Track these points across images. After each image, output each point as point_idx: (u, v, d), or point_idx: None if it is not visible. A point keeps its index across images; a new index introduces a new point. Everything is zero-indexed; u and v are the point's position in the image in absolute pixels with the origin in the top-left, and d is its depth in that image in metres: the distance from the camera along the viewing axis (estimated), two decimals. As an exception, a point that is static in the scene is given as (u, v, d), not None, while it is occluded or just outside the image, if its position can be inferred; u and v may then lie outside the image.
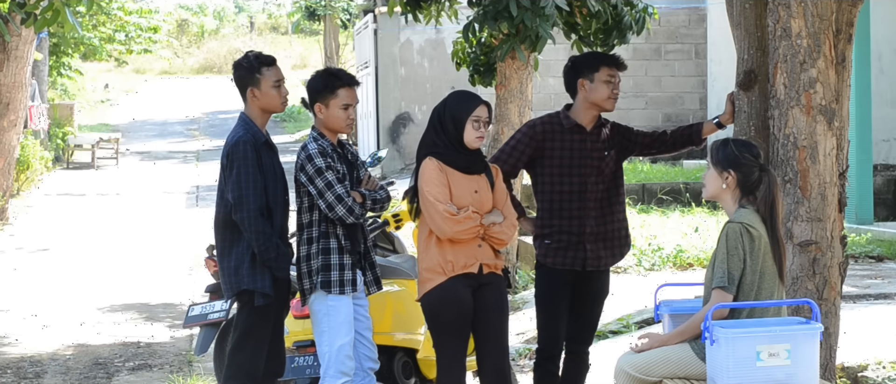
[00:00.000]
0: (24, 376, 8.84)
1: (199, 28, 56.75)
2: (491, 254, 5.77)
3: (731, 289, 5.10)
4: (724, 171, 5.23)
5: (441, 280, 5.67)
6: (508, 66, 10.46)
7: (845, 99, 5.94)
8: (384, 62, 22.41)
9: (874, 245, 12.18)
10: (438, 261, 5.67)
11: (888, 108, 15.77)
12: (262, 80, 6.02)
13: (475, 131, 5.70)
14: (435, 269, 5.69)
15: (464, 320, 5.70)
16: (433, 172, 5.67)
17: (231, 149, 5.94)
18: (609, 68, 6.04)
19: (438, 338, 5.78)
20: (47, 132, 25.89)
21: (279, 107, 6.10)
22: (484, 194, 5.74)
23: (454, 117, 5.71)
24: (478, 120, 5.70)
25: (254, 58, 6.09)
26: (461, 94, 5.85)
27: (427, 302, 5.75)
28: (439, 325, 5.75)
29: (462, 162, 5.72)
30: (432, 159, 5.71)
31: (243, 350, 6.02)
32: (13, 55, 15.35)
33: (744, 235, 5.10)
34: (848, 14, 5.91)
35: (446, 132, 5.72)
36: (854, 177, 12.65)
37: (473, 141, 5.72)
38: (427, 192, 5.65)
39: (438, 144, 5.73)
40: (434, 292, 5.70)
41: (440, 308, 5.70)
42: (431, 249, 5.70)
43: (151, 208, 19.98)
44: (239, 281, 5.95)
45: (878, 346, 7.73)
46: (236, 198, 5.87)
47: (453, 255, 5.67)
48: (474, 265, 5.69)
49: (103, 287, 12.71)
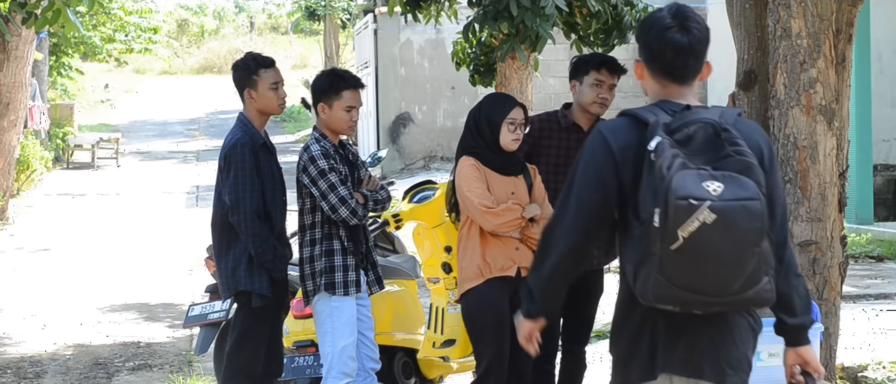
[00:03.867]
0: (24, 376, 8.84)
1: (199, 28, 56.78)
2: (529, 258, 5.65)
3: None
4: None
5: (477, 283, 5.63)
6: (508, 66, 10.46)
7: (845, 99, 5.94)
8: (384, 62, 22.41)
9: (874, 245, 12.19)
10: (477, 262, 5.63)
11: (888, 108, 15.77)
12: (259, 81, 6.01)
13: (511, 133, 5.68)
14: (472, 270, 5.64)
15: (502, 328, 5.58)
16: (470, 169, 5.65)
17: (228, 151, 5.94)
18: (597, 72, 6.01)
19: (476, 346, 5.73)
20: (47, 132, 25.90)
21: (277, 109, 6.09)
22: (521, 195, 5.71)
23: (490, 120, 5.69)
24: (513, 122, 5.68)
25: (251, 59, 6.08)
26: (496, 97, 5.87)
27: (465, 305, 5.71)
28: (476, 332, 5.70)
29: (499, 163, 5.70)
30: (469, 158, 5.70)
31: (241, 350, 6.03)
32: (13, 55, 15.36)
33: None
34: (848, 14, 5.91)
35: (482, 135, 5.70)
36: (854, 177, 12.66)
37: (510, 143, 5.70)
38: (465, 189, 5.61)
39: (475, 147, 5.71)
40: (470, 295, 5.66)
41: (477, 314, 5.65)
42: (469, 250, 5.66)
43: (151, 208, 19.98)
44: (236, 282, 5.96)
45: (878, 346, 7.74)
46: (233, 200, 5.88)
47: (491, 257, 5.62)
48: (512, 268, 5.63)
49: (103, 287, 12.71)
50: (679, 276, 3.28)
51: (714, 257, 3.26)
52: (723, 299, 3.32)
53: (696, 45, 3.52)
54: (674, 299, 3.32)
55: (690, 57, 3.53)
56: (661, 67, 3.55)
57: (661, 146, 3.34)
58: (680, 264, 3.26)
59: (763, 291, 3.36)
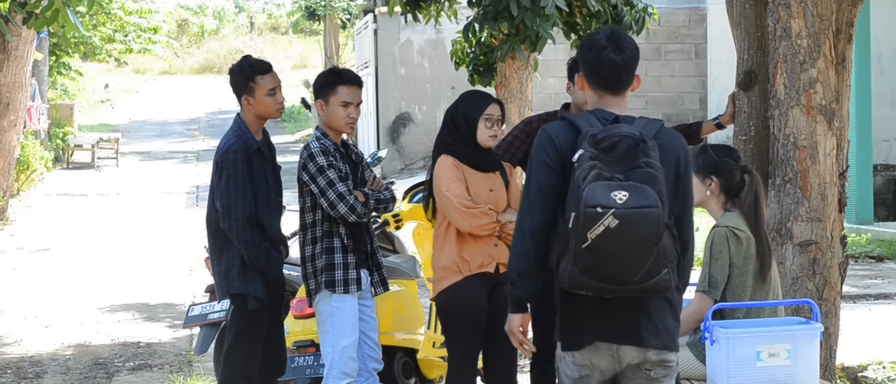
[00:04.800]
0: (24, 376, 8.84)
1: (199, 28, 56.78)
2: (508, 254, 5.75)
3: (713, 294, 5.08)
4: (706, 178, 5.20)
5: (456, 279, 5.66)
6: (508, 66, 10.47)
7: (845, 99, 5.94)
8: (384, 62, 22.41)
9: (874, 245, 12.20)
10: (454, 259, 5.66)
11: (888, 108, 15.77)
12: (256, 88, 5.99)
13: (488, 129, 5.71)
14: (450, 268, 5.67)
15: (477, 321, 5.67)
16: (449, 168, 5.68)
17: (221, 157, 5.93)
18: None
19: (451, 338, 5.76)
20: (47, 132, 25.90)
21: (275, 114, 6.07)
22: (499, 192, 5.75)
23: (466, 116, 5.72)
24: (490, 118, 5.70)
25: (247, 66, 6.04)
26: (472, 94, 5.87)
27: (441, 301, 5.73)
28: (452, 325, 5.73)
29: (476, 159, 5.73)
30: (447, 156, 5.72)
31: (238, 351, 6.03)
32: (13, 55, 15.36)
33: (730, 239, 5.09)
34: (848, 14, 5.91)
35: (459, 132, 5.73)
36: (854, 177, 12.66)
37: (487, 139, 5.72)
38: (444, 188, 5.64)
39: (452, 144, 5.74)
40: (449, 291, 5.68)
41: (454, 308, 5.68)
42: (447, 247, 5.69)
43: (151, 208, 19.98)
44: (230, 285, 5.96)
45: (878, 346, 7.74)
46: (224, 206, 5.88)
47: (469, 254, 5.65)
48: (491, 264, 5.67)
49: (103, 287, 12.71)
50: (590, 269, 3.94)
51: (617, 255, 3.91)
52: (626, 288, 3.99)
53: (628, 62, 4.18)
54: (586, 286, 3.98)
55: (624, 72, 4.18)
56: (599, 81, 4.19)
57: (581, 158, 3.99)
58: (590, 259, 3.92)
59: (661, 281, 4.01)
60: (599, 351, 4.15)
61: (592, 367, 4.19)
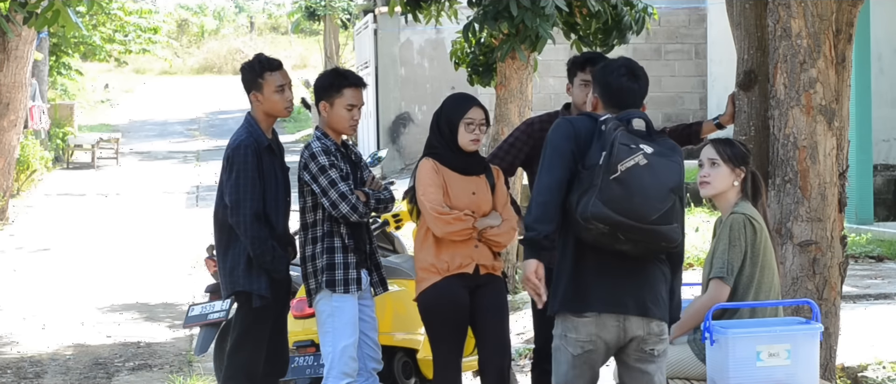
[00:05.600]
0: (24, 376, 8.85)
1: (199, 28, 56.75)
2: (489, 256, 5.77)
3: (729, 280, 5.10)
4: (737, 168, 5.23)
5: (435, 279, 5.69)
6: (508, 66, 10.46)
7: (845, 99, 5.94)
8: (384, 62, 22.41)
9: (874, 245, 12.19)
10: (433, 261, 5.70)
11: (888, 108, 15.77)
12: (264, 84, 6.01)
13: (469, 133, 5.72)
14: (429, 269, 5.71)
15: (459, 320, 5.71)
16: (428, 173, 5.71)
17: (232, 152, 5.95)
18: (583, 72, 6.00)
19: (434, 338, 5.79)
20: (47, 132, 25.90)
21: (282, 111, 6.09)
22: (482, 196, 5.75)
23: (448, 120, 5.76)
24: (471, 122, 5.71)
25: (257, 62, 6.08)
26: (456, 97, 5.89)
27: (422, 301, 5.76)
28: (434, 325, 5.76)
29: (458, 163, 5.74)
30: (429, 159, 5.75)
31: (242, 350, 6.03)
32: (13, 55, 15.36)
33: (747, 227, 5.11)
34: (848, 14, 5.91)
35: (442, 134, 5.76)
36: (854, 177, 12.65)
37: (468, 144, 5.74)
38: (420, 193, 5.70)
39: (436, 147, 5.77)
40: (429, 291, 5.72)
41: (435, 307, 5.72)
42: (427, 249, 5.73)
43: (151, 208, 19.98)
44: (234, 282, 5.96)
45: (878, 346, 7.73)
46: (233, 202, 5.89)
47: (449, 256, 5.69)
48: (470, 265, 5.70)
49: (103, 287, 12.71)
50: (612, 200, 4.31)
51: (642, 189, 4.33)
52: (643, 225, 4.36)
53: (642, 89, 4.78)
54: (606, 219, 4.33)
55: (638, 97, 4.76)
56: (614, 102, 4.72)
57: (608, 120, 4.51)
58: (615, 190, 4.31)
59: (672, 231, 4.43)
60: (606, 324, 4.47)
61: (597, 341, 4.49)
